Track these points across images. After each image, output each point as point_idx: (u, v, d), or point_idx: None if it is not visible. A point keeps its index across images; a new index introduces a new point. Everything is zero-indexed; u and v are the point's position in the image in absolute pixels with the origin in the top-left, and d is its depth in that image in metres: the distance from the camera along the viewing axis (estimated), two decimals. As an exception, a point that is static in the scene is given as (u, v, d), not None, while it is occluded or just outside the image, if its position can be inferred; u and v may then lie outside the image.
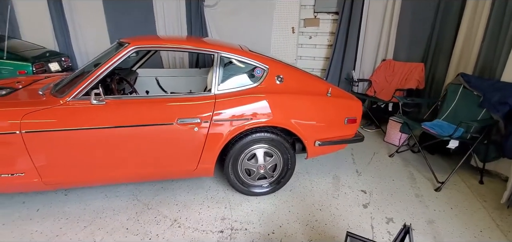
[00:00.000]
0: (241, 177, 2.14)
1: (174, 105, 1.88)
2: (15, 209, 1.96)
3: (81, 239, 1.72)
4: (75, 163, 1.81)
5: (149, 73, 3.31)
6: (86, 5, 5.03)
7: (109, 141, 1.80)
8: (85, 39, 5.33)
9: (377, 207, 2.09)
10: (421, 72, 3.36)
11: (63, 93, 1.80)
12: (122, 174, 1.94)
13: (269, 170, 2.17)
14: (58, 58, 4.67)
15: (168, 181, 2.36)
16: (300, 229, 1.86)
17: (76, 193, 2.16)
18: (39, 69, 4.06)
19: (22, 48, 4.41)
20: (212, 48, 2.04)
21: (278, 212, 2.03)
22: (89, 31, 5.22)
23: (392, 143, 3.17)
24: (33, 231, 1.77)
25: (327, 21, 4.05)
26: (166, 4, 4.57)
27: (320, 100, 2.11)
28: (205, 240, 1.75)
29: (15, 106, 1.72)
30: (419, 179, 2.50)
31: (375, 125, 3.62)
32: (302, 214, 2.01)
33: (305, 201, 2.16)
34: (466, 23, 2.94)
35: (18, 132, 1.66)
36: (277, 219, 1.95)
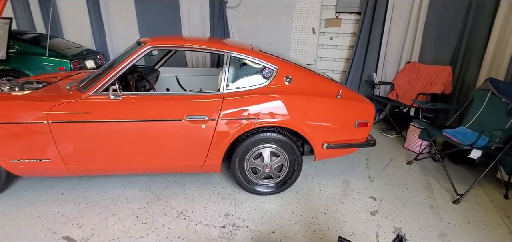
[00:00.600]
0: (247, 175, 2.18)
1: (184, 102, 1.97)
2: (43, 192, 2.18)
3: (96, 223, 1.87)
4: (94, 152, 1.97)
5: (170, 72, 3.47)
6: (120, 6, 5.39)
7: (123, 134, 1.93)
8: (118, 38, 5.72)
9: (385, 216, 2.02)
10: (448, 76, 3.14)
11: (86, 89, 1.97)
12: (135, 165, 2.07)
13: (275, 170, 2.18)
14: (93, 56, 5.05)
15: (179, 175, 2.47)
16: (301, 231, 1.86)
17: (97, 181, 2.35)
18: (76, 66, 4.43)
19: (62, 46, 4.83)
20: (222, 48, 2.10)
21: (282, 212, 2.04)
22: (121, 31, 5.59)
23: (412, 149, 3.01)
24: (56, 212, 1.97)
25: (349, 21, 3.94)
26: (191, 5, 4.75)
27: (329, 102, 2.08)
28: (206, 234, 1.82)
29: (45, 98, 1.92)
30: (437, 189, 2.35)
31: (396, 130, 3.45)
32: (306, 216, 2.00)
33: (310, 204, 2.14)
34: (499, 24, 2.71)
35: (45, 121, 1.85)
36: (279, 219, 1.96)
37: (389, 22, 3.55)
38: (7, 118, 1.83)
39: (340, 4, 3.87)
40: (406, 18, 3.46)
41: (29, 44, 4.40)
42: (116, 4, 5.41)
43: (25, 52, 4.29)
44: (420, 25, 3.37)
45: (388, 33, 3.60)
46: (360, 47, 3.77)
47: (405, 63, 3.60)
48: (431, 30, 3.35)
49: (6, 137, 1.86)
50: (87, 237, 1.75)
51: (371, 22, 3.65)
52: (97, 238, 1.74)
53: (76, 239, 1.74)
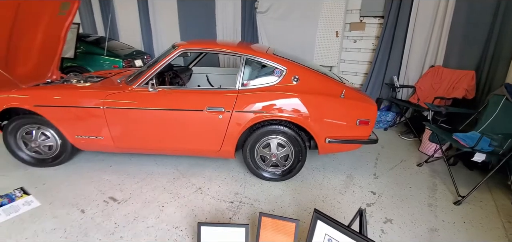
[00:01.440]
0: (256, 162, 2.50)
1: (205, 96, 2.36)
2: (97, 164, 2.75)
3: (133, 189, 2.36)
4: (134, 133, 2.47)
5: (201, 71, 3.95)
6: (165, 12, 6.08)
7: (157, 119, 2.39)
8: (162, 40, 6.45)
9: (380, 208, 2.17)
10: (470, 81, 3.08)
11: (131, 83, 2.48)
12: (165, 146, 2.52)
13: (282, 159, 2.46)
14: (142, 56, 5.80)
15: (201, 159, 2.87)
16: (296, 212, 2.11)
17: (137, 158, 2.87)
18: (127, 65, 5.18)
19: (117, 48, 5.66)
20: (239, 51, 2.44)
21: (284, 196, 2.31)
22: (165, 33, 6.30)
23: (426, 153, 3.02)
24: (105, 179, 2.50)
25: (373, 25, 4.00)
26: (226, 11, 5.19)
27: (332, 100, 2.29)
28: (217, 206, 2.18)
29: (101, 89, 2.46)
30: (442, 190, 2.40)
31: (414, 134, 3.45)
32: (305, 201, 2.25)
33: (311, 192, 2.37)
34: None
35: (101, 107, 2.39)
36: (281, 201, 2.24)
37: (413, 25, 3.54)
38: (74, 104, 2.40)
39: (364, 8, 3.96)
40: (430, 21, 3.43)
41: (91, 45, 5.25)
42: (162, 10, 6.12)
43: (88, 52, 5.15)
44: (445, 28, 3.32)
45: (411, 37, 3.60)
46: (383, 50, 3.81)
47: (429, 67, 3.57)
48: (457, 33, 3.28)
49: (72, 118, 2.44)
50: (126, 198, 2.24)
51: (394, 25, 3.68)
52: (133, 200, 2.22)
53: (118, 199, 2.23)
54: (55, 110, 2.43)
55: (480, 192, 2.38)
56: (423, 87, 3.52)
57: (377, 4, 3.83)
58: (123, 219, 2.00)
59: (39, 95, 2.43)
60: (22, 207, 2.11)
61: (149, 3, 6.20)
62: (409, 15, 3.54)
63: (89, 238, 1.82)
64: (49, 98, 2.43)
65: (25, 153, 2.63)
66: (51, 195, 2.25)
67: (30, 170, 2.62)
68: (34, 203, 2.16)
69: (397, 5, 3.59)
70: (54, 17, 3.29)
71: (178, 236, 1.85)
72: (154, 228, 1.92)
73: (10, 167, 2.64)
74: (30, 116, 2.50)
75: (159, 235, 1.86)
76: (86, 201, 2.19)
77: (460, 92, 3.05)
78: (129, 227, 1.93)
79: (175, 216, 2.05)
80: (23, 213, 2.04)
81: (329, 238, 1.44)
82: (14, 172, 2.57)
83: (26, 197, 2.23)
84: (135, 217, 2.03)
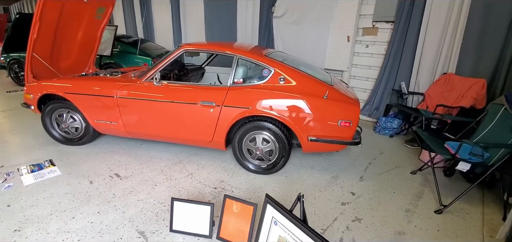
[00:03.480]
0: (243, 153, 2.69)
1: (199, 91, 2.62)
2: (112, 146, 3.18)
3: (135, 169, 2.71)
4: (140, 120, 2.82)
5: (213, 70, 4.25)
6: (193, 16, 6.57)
7: (159, 109, 2.71)
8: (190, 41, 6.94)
9: (354, 207, 2.20)
10: (480, 90, 2.89)
11: (141, 77, 2.85)
12: (166, 134, 2.84)
13: (266, 154, 2.61)
14: (170, 56, 6.32)
15: (200, 149, 3.14)
16: (271, 203, 2.24)
17: (147, 145, 3.24)
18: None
19: (149, 48, 6.27)
20: (233, 52, 2.66)
21: (265, 187, 2.46)
22: (193, 35, 6.79)
23: (425, 161, 2.90)
24: (115, 159, 2.90)
25: (386, 30, 3.92)
26: (246, 15, 5.45)
27: (314, 100, 2.38)
28: (201, 189, 2.41)
29: (117, 81, 2.87)
30: (427, 199, 2.33)
31: (417, 142, 3.31)
32: (282, 194, 2.37)
33: (291, 187, 2.48)
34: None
35: (115, 96, 2.79)
36: (260, 191, 2.39)
37: (425, 31, 3.42)
38: (94, 92, 2.83)
39: (376, 14, 3.90)
40: (443, 28, 3.28)
41: (127, 45, 5.90)
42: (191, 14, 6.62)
43: (124, 51, 5.80)
44: (458, 35, 3.16)
45: (423, 43, 3.47)
46: (393, 56, 3.72)
47: (440, 74, 3.40)
48: (471, 40, 3.10)
49: (93, 105, 2.88)
50: (128, 176, 2.59)
51: (405, 31, 3.58)
52: (133, 177, 2.56)
53: (121, 175, 2.59)
54: (80, 97, 2.89)
55: (472, 204, 2.26)
56: (433, 95, 3.37)
57: (390, 9, 3.75)
58: (120, 191, 2.34)
59: (69, 84, 2.92)
60: (47, 175, 2.57)
61: (180, 8, 6.75)
62: (420, 21, 3.43)
63: (90, 203, 2.18)
64: (76, 87, 2.90)
65: (57, 132, 3.16)
66: (71, 168, 2.70)
67: (60, 146, 3.13)
68: (56, 172, 2.62)
69: (408, 10, 3.50)
70: (92, 19, 3.87)
71: (160, 210, 2.12)
72: (143, 201, 2.22)
73: (46, 143, 3.19)
74: (63, 101, 3.00)
75: (145, 207, 2.15)
76: (96, 174, 2.59)
77: (467, 101, 2.88)
78: (123, 198, 2.25)
79: (163, 194, 2.33)
80: (47, 179, 2.49)
81: (275, 220, 1.58)
82: (48, 147, 3.11)
83: (52, 167, 2.71)
84: (130, 191, 2.35)
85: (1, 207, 2.09)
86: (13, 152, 3.00)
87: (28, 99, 3.09)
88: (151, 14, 7.88)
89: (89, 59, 4.22)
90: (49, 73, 3.53)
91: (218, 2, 5.86)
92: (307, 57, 4.34)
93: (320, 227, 1.97)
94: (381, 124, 3.73)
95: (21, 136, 3.41)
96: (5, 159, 2.81)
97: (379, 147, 3.37)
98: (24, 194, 2.26)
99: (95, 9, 3.79)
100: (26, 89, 3.09)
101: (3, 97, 5.26)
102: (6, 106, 4.62)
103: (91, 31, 3.97)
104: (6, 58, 6.34)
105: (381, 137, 3.71)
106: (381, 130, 3.74)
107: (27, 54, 3.09)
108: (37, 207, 2.10)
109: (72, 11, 3.41)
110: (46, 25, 3.15)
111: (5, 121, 3.92)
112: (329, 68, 4.43)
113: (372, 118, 4.22)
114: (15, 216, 2.00)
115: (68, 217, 2.00)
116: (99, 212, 2.07)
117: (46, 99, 3.09)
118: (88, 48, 4.11)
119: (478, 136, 2.36)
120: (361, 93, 4.35)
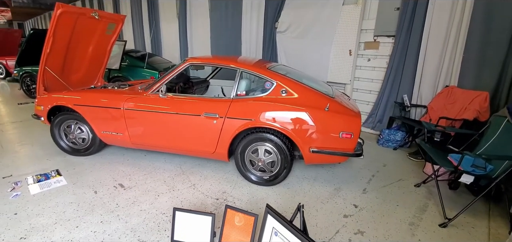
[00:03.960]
0: (246, 165, 2.71)
1: (203, 103, 2.68)
2: (117, 157, 3.24)
3: (139, 179, 2.74)
4: (146, 132, 2.88)
5: (217, 83, 4.33)
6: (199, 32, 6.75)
7: (164, 120, 2.77)
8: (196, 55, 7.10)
9: (356, 220, 2.18)
10: (483, 103, 2.88)
11: (147, 89, 2.93)
12: (170, 145, 2.88)
13: (268, 165, 2.63)
14: (176, 69, 6.46)
15: (204, 160, 3.17)
16: (273, 214, 2.24)
17: (150, 156, 3.29)
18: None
19: (156, 62, 6.43)
20: (236, 65, 2.73)
21: (266, 198, 2.46)
22: (198, 49, 6.95)
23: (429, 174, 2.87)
24: (119, 169, 2.95)
25: (387, 44, 3.97)
26: (251, 31, 5.58)
27: (315, 112, 2.41)
28: (203, 200, 2.43)
29: (123, 94, 2.95)
30: (431, 212, 2.30)
31: (421, 155, 3.29)
32: (283, 205, 2.37)
33: (293, 198, 2.48)
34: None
35: (121, 108, 2.86)
36: (261, 203, 2.40)
37: (425, 45, 3.45)
38: (101, 104, 2.92)
39: (377, 28, 3.96)
40: (443, 42, 3.31)
41: (135, 59, 6.07)
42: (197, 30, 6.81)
43: (132, 65, 5.96)
44: (459, 47, 3.18)
45: (424, 56, 3.49)
46: (395, 69, 3.75)
47: (443, 87, 3.41)
48: (472, 53, 3.12)
49: (100, 116, 2.96)
50: (131, 186, 2.62)
51: (407, 44, 3.63)
52: (136, 188, 2.59)
53: (125, 186, 2.63)
54: (88, 109, 2.98)
55: (477, 218, 2.22)
56: (436, 107, 3.36)
57: (391, 24, 3.81)
58: (124, 201, 2.37)
59: (78, 96, 3.02)
60: (53, 184, 2.63)
61: (187, 24, 6.96)
62: (421, 35, 3.48)
63: (94, 213, 2.21)
64: (84, 99, 2.99)
65: (64, 142, 3.24)
66: (76, 178, 2.75)
67: (67, 157, 3.20)
68: (62, 182, 2.67)
69: (409, 25, 3.55)
70: (103, 35, 4.02)
71: (162, 220, 2.14)
72: (145, 211, 2.25)
73: (54, 153, 3.26)
74: (71, 113, 3.09)
75: (148, 218, 2.17)
76: (100, 184, 2.64)
77: (471, 113, 2.88)
78: (126, 208, 2.28)
79: (166, 204, 2.36)
80: (53, 188, 2.55)
81: (275, 231, 1.58)
82: (55, 157, 3.18)
83: (58, 177, 2.77)
84: (133, 201, 2.38)
85: (8, 215, 2.14)
86: (22, 161, 3.08)
87: (38, 110, 3.19)
88: (159, 29, 8.14)
89: (98, 73, 4.34)
90: (60, 86, 3.65)
91: (223, 18, 6.03)
92: (310, 71, 4.40)
93: (322, 240, 1.96)
94: (385, 136, 3.72)
95: (30, 146, 3.50)
96: (14, 169, 2.89)
97: (382, 159, 3.35)
98: (31, 203, 2.31)
99: (106, 25, 3.93)
100: (37, 101, 3.20)
101: (15, 109, 5.43)
102: (17, 118, 4.76)
103: (101, 45, 4.11)
104: (19, 71, 6.57)
105: (385, 149, 3.69)
106: (385, 142, 3.72)
107: (40, 68, 3.22)
108: (42, 216, 2.14)
109: (84, 27, 3.54)
110: (59, 40, 3.28)
111: (16, 132, 4.04)
112: (331, 81, 4.47)
113: (375, 131, 4.21)
114: (22, 224, 2.04)
115: (72, 226, 2.04)
116: (102, 222, 2.10)
117: (56, 111, 3.19)
118: (98, 62, 4.24)
119: (481, 148, 2.34)
120: (364, 106, 4.36)
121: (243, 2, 5.51)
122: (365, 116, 4.32)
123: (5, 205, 2.27)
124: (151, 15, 8.11)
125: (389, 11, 3.83)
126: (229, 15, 5.91)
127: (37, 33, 6.38)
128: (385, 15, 3.88)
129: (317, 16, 4.47)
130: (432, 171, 2.72)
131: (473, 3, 3.07)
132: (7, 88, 7.87)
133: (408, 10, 3.56)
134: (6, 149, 3.40)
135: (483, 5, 3.01)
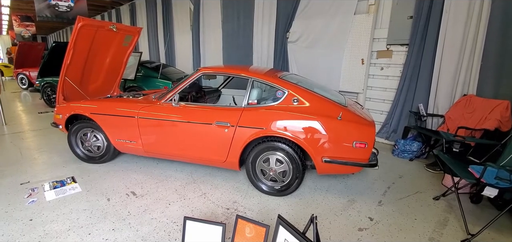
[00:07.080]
0: (257, 175, 2.68)
1: (215, 112, 2.69)
2: (130, 165, 3.29)
3: (151, 187, 2.76)
4: (159, 140, 2.91)
5: (229, 92, 4.36)
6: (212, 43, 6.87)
7: (176, 129, 2.79)
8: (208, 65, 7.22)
9: (372, 234, 2.10)
10: (505, 112, 2.75)
11: (160, 98, 2.98)
12: (182, 153, 2.90)
13: (280, 175, 2.59)
14: (189, 80, 6.57)
15: (215, 169, 3.17)
16: (285, 225, 2.19)
17: (163, 164, 3.32)
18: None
19: (170, 72, 6.56)
20: (248, 74, 2.74)
21: (278, 209, 2.42)
22: (211, 60, 7.06)
23: (449, 186, 2.74)
24: (132, 177, 2.98)
25: (401, 53, 3.89)
26: (262, 41, 5.63)
27: (328, 121, 2.37)
28: (214, 210, 2.41)
29: (138, 103, 3.02)
30: (452, 227, 2.18)
31: (439, 166, 3.15)
32: (296, 217, 2.31)
33: (305, 209, 2.42)
34: None
35: (136, 116, 2.92)
36: (272, 213, 2.35)
37: (441, 53, 3.36)
38: (116, 113, 2.99)
39: (390, 37, 3.90)
40: (459, 50, 3.21)
41: (149, 70, 6.22)
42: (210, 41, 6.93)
43: (147, 75, 6.11)
44: (476, 55, 3.08)
45: (439, 65, 3.40)
46: (409, 78, 3.67)
47: (460, 95, 3.29)
48: (490, 61, 3.00)
49: (114, 124, 3.02)
50: (143, 194, 2.64)
51: (421, 53, 3.54)
52: (148, 196, 2.61)
53: (137, 194, 2.65)
54: (104, 117, 3.05)
55: (503, 233, 2.09)
56: (454, 117, 3.24)
57: (404, 33, 3.75)
58: (135, 209, 2.39)
59: (95, 105, 3.10)
60: (68, 191, 2.68)
61: (200, 35, 7.10)
62: (436, 43, 3.39)
63: (106, 220, 2.23)
64: (100, 108, 3.07)
65: (80, 150, 3.32)
66: (91, 185, 2.80)
67: (82, 164, 3.28)
68: (77, 189, 2.72)
69: (423, 33, 3.48)
70: (120, 46, 4.15)
71: (173, 229, 2.13)
72: (156, 220, 2.25)
73: (70, 160, 3.35)
74: (88, 121, 3.17)
75: (158, 226, 2.17)
76: (113, 192, 2.67)
77: (492, 123, 2.75)
78: (138, 216, 2.29)
79: (177, 213, 2.35)
80: (68, 195, 2.60)
81: (287, 242, 1.54)
82: (71, 164, 3.26)
83: (73, 184, 2.83)
84: (145, 209, 2.39)
85: (24, 221, 2.19)
86: (39, 168, 3.17)
87: (57, 119, 3.30)
88: (173, 41, 8.35)
89: (115, 83, 4.47)
90: (78, 96, 3.77)
91: (235, 29, 6.12)
92: (321, 80, 4.36)
93: (335, 253, 1.89)
94: (400, 146, 3.61)
95: (48, 153, 3.61)
96: (32, 175, 2.98)
97: (398, 170, 3.24)
98: (46, 209, 2.36)
99: (123, 37, 4.07)
100: (56, 109, 3.32)
101: (35, 118, 5.65)
102: (36, 126, 4.95)
103: (118, 57, 4.24)
104: (41, 82, 6.88)
105: (400, 160, 3.57)
106: (400, 153, 3.60)
107: (60, 78, 3.35)
108: (56, 222, 2.18)
109: (102, 39, 3.67)
110: (79, 52, 3.41)
111: (35, 139, 4.19)
112: (344, 90, 4.41)
113: (390, 141, 4.09)
114: (36, 230, 2.09)
115: (85, 233, 2.06)
116: (114, 229, 2.11)
117: (74, 119, 3.29)
118: (115, 72, 4.37)
119: (504, 159, 2.22)
120: (378, 115, 4.27)
121: (255, 13, 5.59)
122: (379, 126, 4.22)
123: (21, 211, 2.33)
124: (166, 27, 8.36)
125: (402, 19, 3.78)
126: (241, 26, 5.99)
127: (59, 46, 6.69)
128: (398, 24, 3.83)
129: (329, 26, 4.46)
130: (452, 183, 2.60)
131: (489, 10, 2.98)
132: (29, 98, 8.23)
133: (421, 18, 3.49)
134: (24, 156, 3.52)
135: (500, 12, 2.91)
